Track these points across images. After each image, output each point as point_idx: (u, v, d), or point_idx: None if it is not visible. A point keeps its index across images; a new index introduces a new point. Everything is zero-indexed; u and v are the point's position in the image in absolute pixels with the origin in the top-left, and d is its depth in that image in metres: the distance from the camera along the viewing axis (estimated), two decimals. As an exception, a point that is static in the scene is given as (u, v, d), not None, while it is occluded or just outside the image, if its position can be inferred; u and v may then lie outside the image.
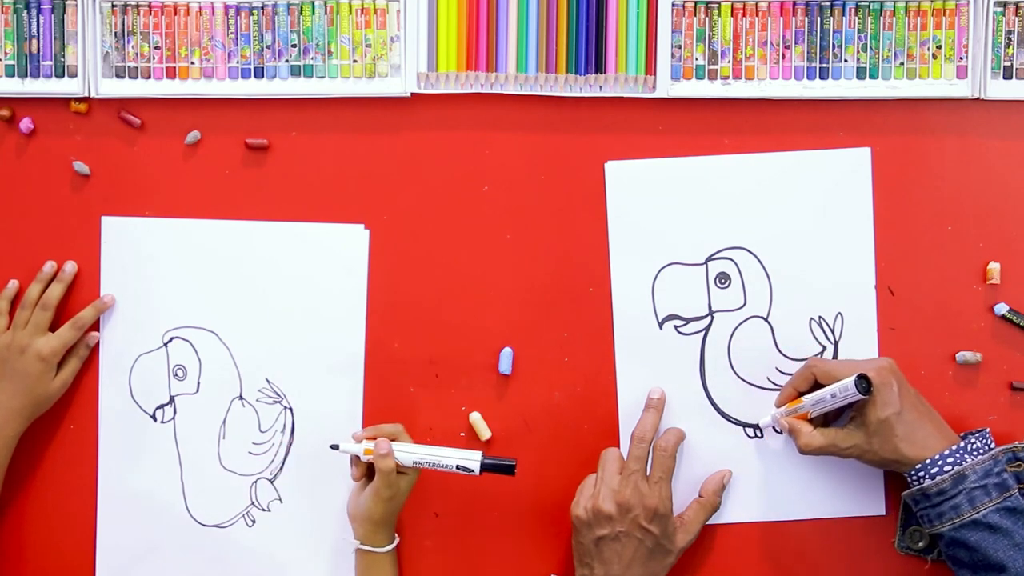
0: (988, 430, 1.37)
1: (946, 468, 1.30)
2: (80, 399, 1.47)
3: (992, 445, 1.36)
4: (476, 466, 1.37)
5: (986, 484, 1.29)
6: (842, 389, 1.32)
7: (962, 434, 1.36)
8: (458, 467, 1.37)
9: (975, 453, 1.33)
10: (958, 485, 1.29)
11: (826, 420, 1.39)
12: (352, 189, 1.45)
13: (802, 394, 1.38)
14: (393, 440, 1.38)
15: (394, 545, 1.41)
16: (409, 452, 1.37)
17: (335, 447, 1.39)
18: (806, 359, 1.42)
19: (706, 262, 1.44)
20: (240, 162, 1.46)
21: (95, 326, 1.46)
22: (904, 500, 1.37)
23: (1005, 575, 1.28)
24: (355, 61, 1.44)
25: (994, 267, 1.42)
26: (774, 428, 1.42)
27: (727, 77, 1.43)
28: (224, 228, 1.46)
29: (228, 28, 1.44)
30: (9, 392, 1.42)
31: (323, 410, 1.46)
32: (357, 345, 1.45)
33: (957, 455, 1.31)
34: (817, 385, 1.37)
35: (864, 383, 1.30)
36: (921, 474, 1.31)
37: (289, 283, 1.46)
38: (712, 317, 1.44)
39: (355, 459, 1.40)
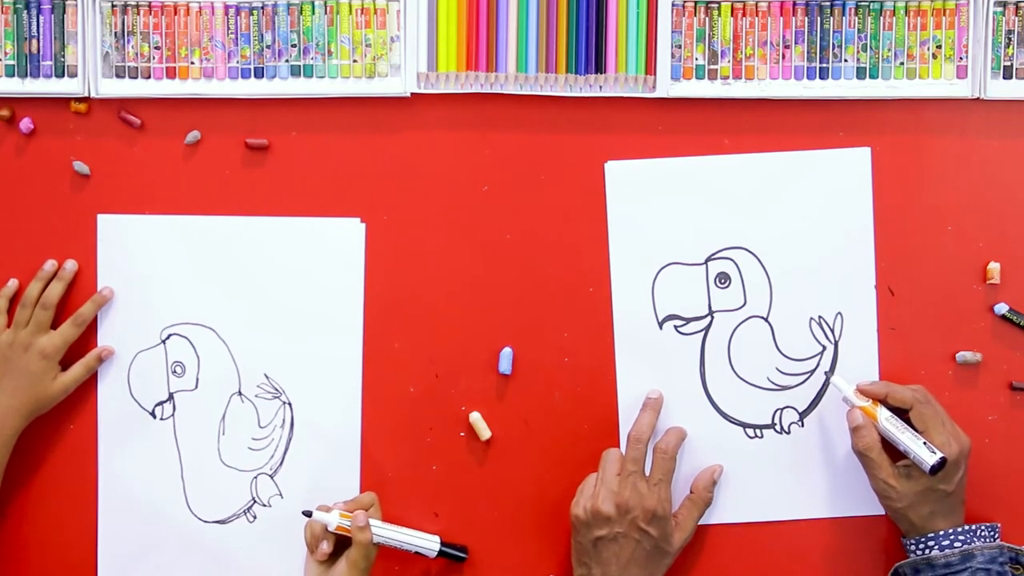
0: (998, 525, 1.37)
1: (956, 544, 1.33)
2: (79, 397, 1.46)
3: (998, 538, 1.36)
4: (433, 552, 1.41)
5: (990, 569, 1.32)
6: (918, 459, 1.32)
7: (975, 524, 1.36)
8: (416, 551, 1.41)
9: (983, 539, 1.34)
10: (966, 562, 1.32)
11: None
12: (352, 189, 1.45)
13: (885, 404, 1.36)
14: (369, 507, 1.41)
15: None
16: (377, 528, 1.39)
17: (308, 514, 1.39)
18: (806, 359, 1.42)
19: (706, 262, 1.43)
20: (240, 162, 1.46)
21: (93, 323, 1.46)
22: (897, 569, 1.38)
23: None
24: (355, 61, 1.44)
25: (994, 267, 1.42)
26: (844, 399, 1.38)
27: (727, 77, 1.43)
28: (220, 224, 1.46)
29: (228, 28, 1.44)
30: (10, 390, 1.42)
31: (322, 405, 1.46)
32: (355, 338, 1.45)
33: (967, 535, 1.33)
34: (901, 410, 1.36)
35: (938, 466, 1.31)
36: (931, 543, 1.33)
37: (286, 278, 1.46)
38: (712, 317, 1.44)
39: (325, 536, 1.39)
